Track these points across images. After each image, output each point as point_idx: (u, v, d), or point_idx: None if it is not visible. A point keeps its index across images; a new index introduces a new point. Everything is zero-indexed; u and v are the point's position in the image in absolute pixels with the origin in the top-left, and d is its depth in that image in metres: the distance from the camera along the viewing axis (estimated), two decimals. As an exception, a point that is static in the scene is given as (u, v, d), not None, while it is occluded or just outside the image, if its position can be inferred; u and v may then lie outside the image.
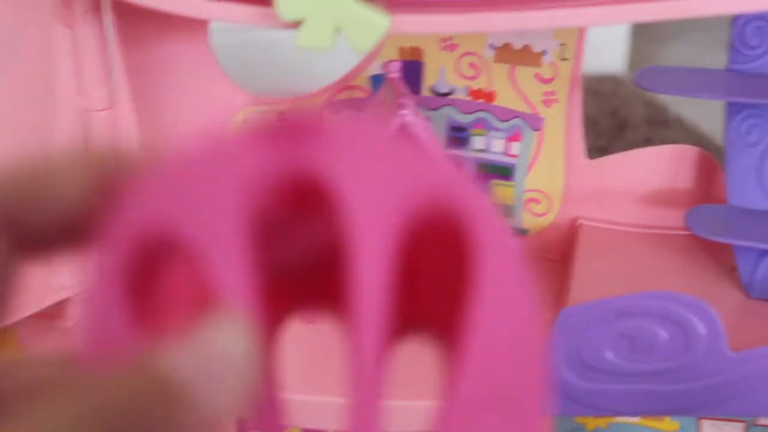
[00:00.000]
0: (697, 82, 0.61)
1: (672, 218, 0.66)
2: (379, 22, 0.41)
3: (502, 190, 0.69)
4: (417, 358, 0.25)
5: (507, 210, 0.69)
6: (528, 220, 0.69)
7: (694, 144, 0.67)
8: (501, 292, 0.23)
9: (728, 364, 0.50)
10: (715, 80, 0.60)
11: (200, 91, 0.65)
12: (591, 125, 1.56)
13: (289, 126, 0.22)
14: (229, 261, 0.22)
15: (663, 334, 0.50)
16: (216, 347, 0.22)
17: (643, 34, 1.97)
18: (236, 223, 0.22)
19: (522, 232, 0.70)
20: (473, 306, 0.22)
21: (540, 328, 0.23)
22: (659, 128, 1.61)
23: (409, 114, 0.53)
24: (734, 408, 0.51)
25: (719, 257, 0.63)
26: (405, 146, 0.23)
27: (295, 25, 0.42)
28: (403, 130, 0.53)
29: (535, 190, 0.68)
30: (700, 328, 0.50)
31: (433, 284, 0.25)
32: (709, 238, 0.58)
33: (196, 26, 0.62)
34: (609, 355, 0.51)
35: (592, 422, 0.80)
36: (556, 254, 0.68)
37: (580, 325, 0.51)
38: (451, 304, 0.23)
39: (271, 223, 0.24)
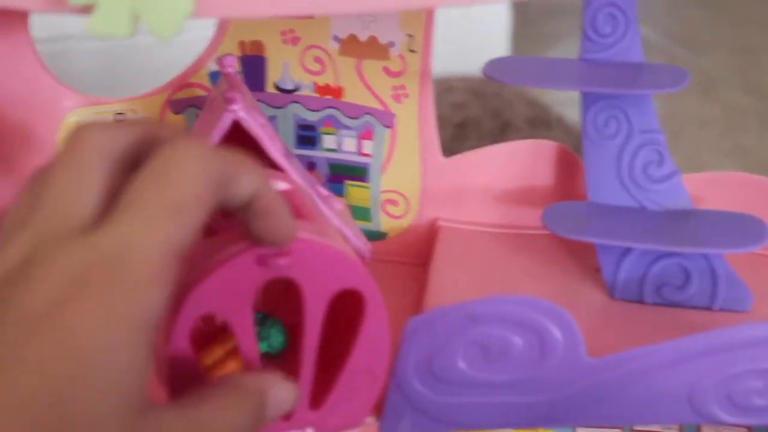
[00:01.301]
0: (548, 71, 0.58)
1: (532, 217, 0.63)
2: (181, 4, 0.37)
3: (356, 191, 0.65)
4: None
5: (363, 212, 0.65)
6: (386, 222, 0.65)
7: (575, 144, 0.64)
8: (373, 328, 0.45)
9: (588, 371, 0.47)
10: (567, 70, 0.57)
11: (22, 93, 0.59)
12: (474, 127, 1.55)
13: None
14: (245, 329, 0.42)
15: (517, 341, 0.46)
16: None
17: (525, 36, 1.98)
18: (247, 308, 0.42)
19: (381, 236, 0.66)
20: (359, 334, 0.45)
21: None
22: (541, 129, 1.60)
23: (239, 109, 0.48)
24: (596, 417, 0.48)
25: (582, 257, 0.60)
26: (340, 254, 0.43)
27: (88, 11, 0.37)
28: (237, 127, 0.48)
29: (392, 191, 0.64)
30: (557, 334, 0.46)
31: (337, 323, 0.45)
32: (567, 236, 0.55)
33: (10, 23, 0.56)
34: (461, 364, 0.47)
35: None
36: (418, 257, 0.65)
37: (429, 333, 0.47)
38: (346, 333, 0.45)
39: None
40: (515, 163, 0.63)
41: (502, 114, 1.64)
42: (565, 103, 1.67)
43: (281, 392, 0.40)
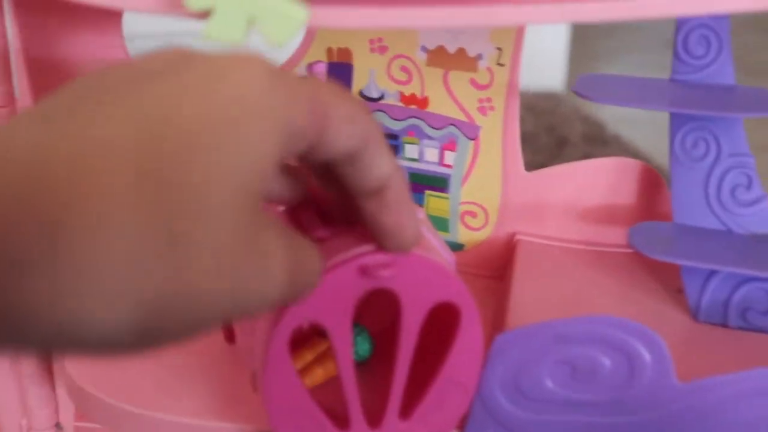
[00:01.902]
0: (639, 92, 0.58)
1: (614, 235, 0.63)
2: (296, 14, 0.37)
3: (436, 202, 0.65)
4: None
5: (442, 223, 0.65)
6: (464, 234, 0.65)
7: (632, 163, 0.64)
8: (467, 342, 0.45)
9: (676, 394, 0.46)
10: (659, 90, 0.57)
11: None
12: (529, 141, 1.55)
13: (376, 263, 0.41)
14: (343, 338, 0.42)
15: (606, 361, 0.46)
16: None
17: (582, 53, 1.97)
18: (347, 317, 0.42)
19: (458, 247, 0.66)
20: (452, 347, 0.45)
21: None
22: (597, 146, 1.59)
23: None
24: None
25: (664, 277, 0.60)
26: (441, 268, 0.43)
27: (205, 15, 0.37)
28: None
29: (471, 203, 0.65)
30: (646, 356, 0.46)
31: (428, 334, 0.44)
32: (654, 257, 0.54)
33: (105, 19, 0.57)
34: (548, 383, 0.47)
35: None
36: (494, 270, 0.65)
37: (517, 351, 0.47)
38: (438, 345, 0.46)
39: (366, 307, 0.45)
40: (599, 180, 0.63)
41: (557, 130, 1.63)
42: (620, 121, 1.66)
43: (310, 259, 0.36)
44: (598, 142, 1.61)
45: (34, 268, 0.25)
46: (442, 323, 0.45)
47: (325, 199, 0.41)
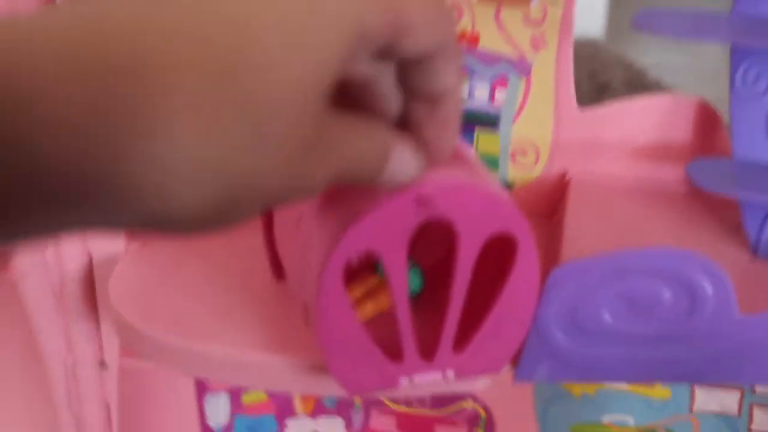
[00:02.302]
0: (701, 24, 0.56)
1: (668, 173, 0.62)
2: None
3: (486, 140, 0.64)
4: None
5: (492, 161, 0.64)
6: (514, 172, 0.64)
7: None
8: (524, 274, 0.44)
9: (737, 328, 0.46)
10: (720, 24, 0.56)
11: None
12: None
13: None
14: (397, 270, 0.42)
15: (666, 294, 0.46)
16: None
17: (621, 2, 1.93)
18: (402, 249, 0.41)
19: (507, 186, 0.65)
20: (508, 279, 0.44)
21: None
22: (638, 92, 1.57)
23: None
24: (740, 375, 0.47)
25: (721, 215, 0.59)
26: (498, 197, 0.42)
27: None
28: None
29: (522, 141, 0.64)
30: (708, 288, 0.45)
31: (482, 267, 0.43)
32: (715, 192, 0.53)
33: None
34: (605, 316, 0.47)
35: (578, 388, 0.76)
36: (544, 209, 0.64)
37: (574, 284, 0.46)
38: (494, 278, 0.45)
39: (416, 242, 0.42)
40: (653, 117, 0.62)
41: (598, 76, 1.61)
42: (660, 66, 1.63)
43: (405, 156, 0.37)
44: (639, 88, 1.59)
45: (138, 140, 0.26)
46: (497, 256, 0.45)
47: None
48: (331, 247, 0.41)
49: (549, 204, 0.64)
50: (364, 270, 0.50)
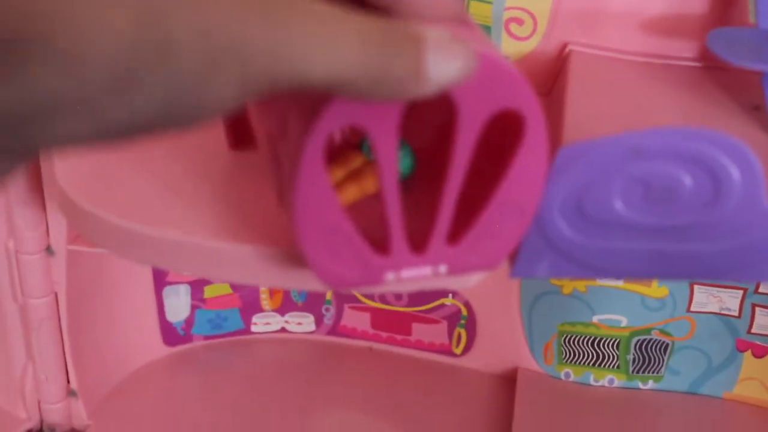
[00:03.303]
0: None
1: (681, 47, 0.56)
2: None
3: (477, 7, 0.57)
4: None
5: (484, 31, 0.57)
6: (509, 44, 0.58)
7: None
8: (530, 157, 0.37)
9: (766, 218, 0.40)
10: None
11: None
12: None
13: None
14: (387, 147, 0.35)
15: (687, 179, 0.40)
16: None
17: None
18: (393, 122, 0.34)
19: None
20: (513, 162, 0.37)
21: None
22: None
23: None
24: (762, 272, 0.42)
25: (739, 93, 0.53)
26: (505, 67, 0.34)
27: None
28: None
29: (518, 8, 0.57)
30: (735, 173, 0.39)
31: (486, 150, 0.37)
32: (737, 63, 0.47)
33: None
34: (617, 204, 0.41)
35: (568, 285, 0.71)
36: (541, 85, 0.58)
37: (582, 167, 0.40)
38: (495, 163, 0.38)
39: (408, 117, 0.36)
40: (666, -18, 0.55)
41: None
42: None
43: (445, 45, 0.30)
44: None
45: None
46: (499, 137, 0.38)
47: None
48: (312, 120, 0.34)
49: (546, 80, 0.58)
50: (348, 148, 0.44)
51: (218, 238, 0.43)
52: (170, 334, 0.75)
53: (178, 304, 0.74)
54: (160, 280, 0.72)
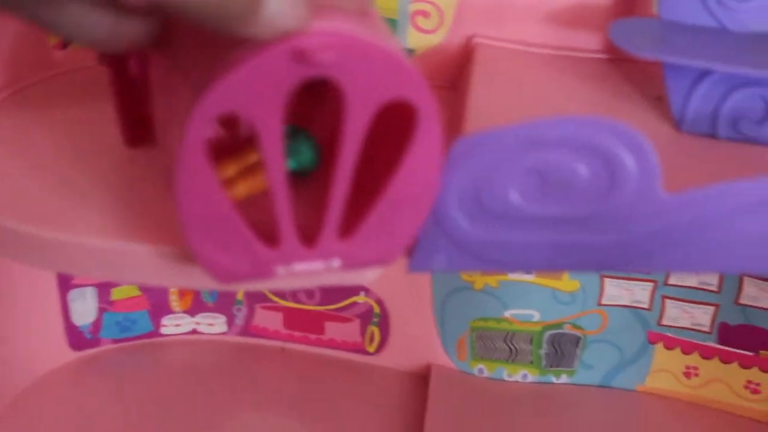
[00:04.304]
0: None
1: (585, 39, 0.56)
2: None
3: (383, 1, 0.56)
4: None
5: (389, 25, 0.57)
6: (415, 37, 0.57)
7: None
8: (424, 149, 0.37)
9: (662, 208, 0.40)
10: None
11: None
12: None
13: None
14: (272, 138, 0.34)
15: (582, 169, 0.39)
16: None
17: None
18: (277, 113, 0.34)
19: (407, 53, 0.57)
20: (406, 154, 0.37)
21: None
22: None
23: None
24: (666, 262, 0.41)
25: (642, 85, 0.53)
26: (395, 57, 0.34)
27: None
28: None
29: (424, 1, 0.56)
30: (630, 162, 0.39)
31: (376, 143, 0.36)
32: (638, 54, 0.47)
33: None
34: (514, 195, 0.40)
35: (480, 281, 0.70)
36: (447, 79, 0.57)
37: (478, 158, 0.39)
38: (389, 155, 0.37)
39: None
40: (569, -26, 0.55)
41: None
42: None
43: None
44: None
45: None
46: (395, 130, 0.38)
47: None
48: (189, 110, 0.33)
49: (453, 74, 0.57)
50: (247, 145, 0.43)
51: (115, 238, 0.42)
52: (77, 338, 0.73)
53: (85, 307, 0.72)
54: (65, 283, 0.70)
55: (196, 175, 0.35)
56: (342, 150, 0.36)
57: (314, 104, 0.44)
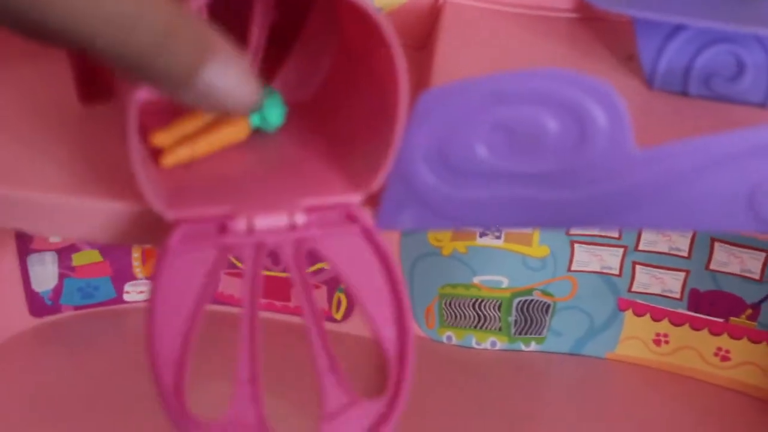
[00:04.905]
0: None
1: (554, -4, 0.55)
2: None
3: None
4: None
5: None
6: (380, -5, 0.56)
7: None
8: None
9: (634, 163, 0.39)
10: None
11: None
12: None
13: None
14: None
15: (551, 124, 0.38)
16: None
17: None
18: None
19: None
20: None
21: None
22: None
23: None
24: (637, 219, 0.40)
25: (613, 44, 0.52)
26: None
27: None
28: None
29: (390, -42, 0.55)
30: (600, 116, 0.38)
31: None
32: (607, 8, 0.46)
33: None
34: (481, 151, 0.39)
35: (448, 245, 0.69)
36: (415, 39, 0.56)
37: (444, 112, 0.38)
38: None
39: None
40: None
41: None
42: None
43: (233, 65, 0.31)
44: None
45: None
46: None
47: None
48: None
49: (421, 34, 0.56)
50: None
51: (67, 193, 0.41)
52: (37, 304, 0.71)
53: (45, 273, 0.70)
54: (24, 248, 0.69)
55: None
56: None
57: (280, 61, 0.43)
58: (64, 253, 0.70)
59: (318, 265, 0.71)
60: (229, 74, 0.31)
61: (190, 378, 0.40)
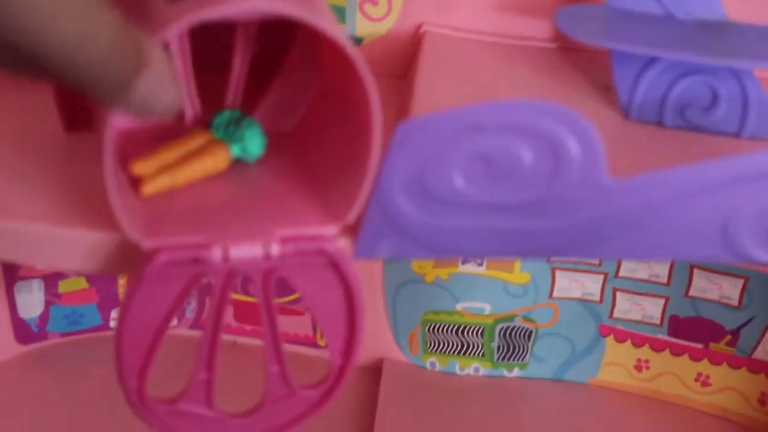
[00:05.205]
0: None
1: (534, 27, 0.55)
2: None
3: (331, -11, 0.56)
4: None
5: (337, 13, 0.56)
6: (363, 25, 0.57)
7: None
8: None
9: (607, 194, 0.39)
10: None
11: None
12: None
13: None
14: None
15: (527, 154, 0.39)
16: None
17: None
18: None
19: (356, 42, 0.57)
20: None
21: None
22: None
23: None
24: (612, 249, 0.41)
25: (591, 74, 0.53)
26: None
27: None
28: None
29: (372, -12, 0.56)
30: (574, 147, 0.39)
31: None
32: (583, 41, 0.47)
33: None
34: (459, 181, 0.40)
35: (431, 273, 0.70)
36: (396, 68, 0.57)
37: (422, 142, 0.39)
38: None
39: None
40: (518, -38, 0.54)
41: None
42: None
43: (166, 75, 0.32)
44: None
45: None
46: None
47: None
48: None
49: (402, 63, 0.57)
50: (196, 127, 0.43)
51: (49, 223, 0.41)
52: (23, 331, 0.71)
53: (31, 300, 0.71)
54: (11, 275, 0.69)
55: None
56: None
57: (261, 92, 0.43)
58: (51, 280, 0.70)
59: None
60: (162, 81, 0.32)
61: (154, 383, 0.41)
